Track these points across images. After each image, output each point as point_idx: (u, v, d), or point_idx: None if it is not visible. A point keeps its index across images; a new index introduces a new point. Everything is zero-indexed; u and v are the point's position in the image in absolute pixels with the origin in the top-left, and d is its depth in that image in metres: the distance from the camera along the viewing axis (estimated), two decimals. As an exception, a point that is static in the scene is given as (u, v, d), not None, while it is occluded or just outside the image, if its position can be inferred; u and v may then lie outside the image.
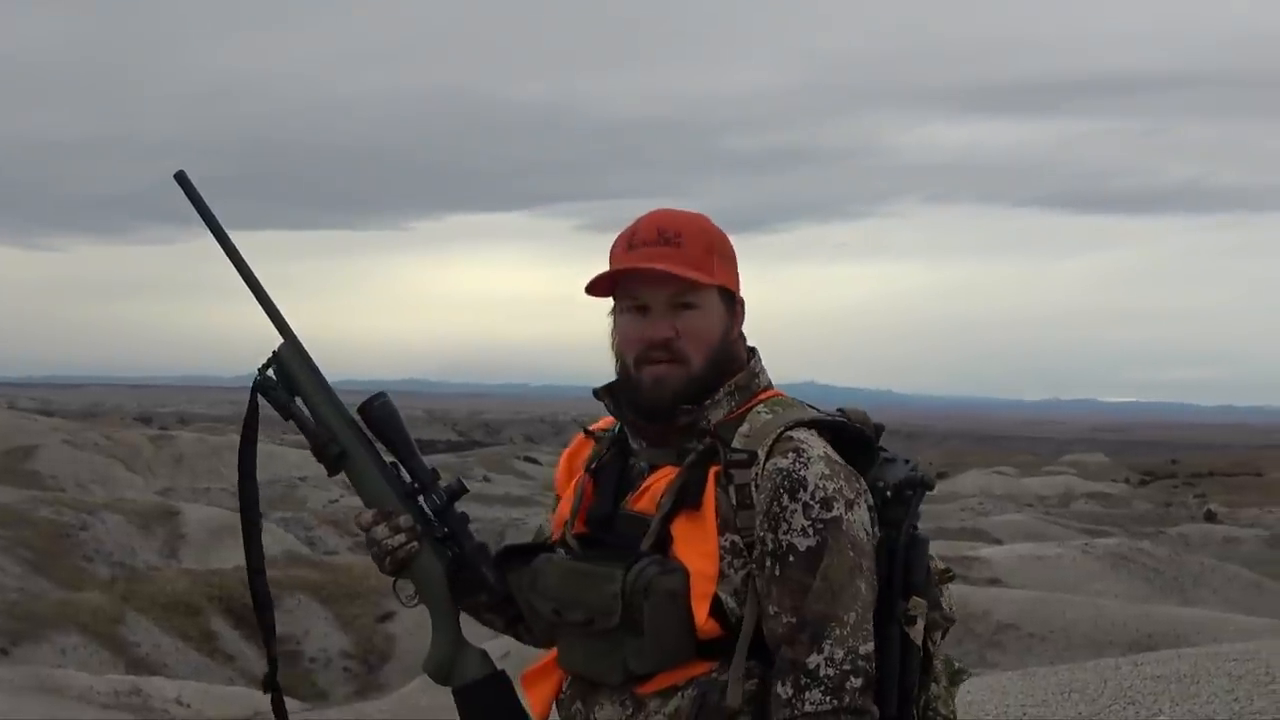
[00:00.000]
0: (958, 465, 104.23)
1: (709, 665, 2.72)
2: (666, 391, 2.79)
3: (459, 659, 3.06)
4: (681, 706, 2.71)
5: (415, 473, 3.06)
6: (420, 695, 23.01)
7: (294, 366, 3.08)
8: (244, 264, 3.13)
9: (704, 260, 2.81)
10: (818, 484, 2.67)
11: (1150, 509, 76.11)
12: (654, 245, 2.81)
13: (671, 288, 2.80)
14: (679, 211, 2.90)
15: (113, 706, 27.00)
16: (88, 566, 45.80)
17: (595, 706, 2.80)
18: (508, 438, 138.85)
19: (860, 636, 2.63)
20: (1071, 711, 8.46)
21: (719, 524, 2.71)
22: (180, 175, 3.18)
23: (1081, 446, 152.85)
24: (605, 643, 2.73)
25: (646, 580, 2.68)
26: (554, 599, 2.81)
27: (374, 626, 40.25)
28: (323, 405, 3.08)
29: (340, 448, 3.05)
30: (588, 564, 2.78)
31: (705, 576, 2.69)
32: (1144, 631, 28.89)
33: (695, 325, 2.79)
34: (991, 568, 39.06)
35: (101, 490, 63.27)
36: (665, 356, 2.79)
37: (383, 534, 3.00)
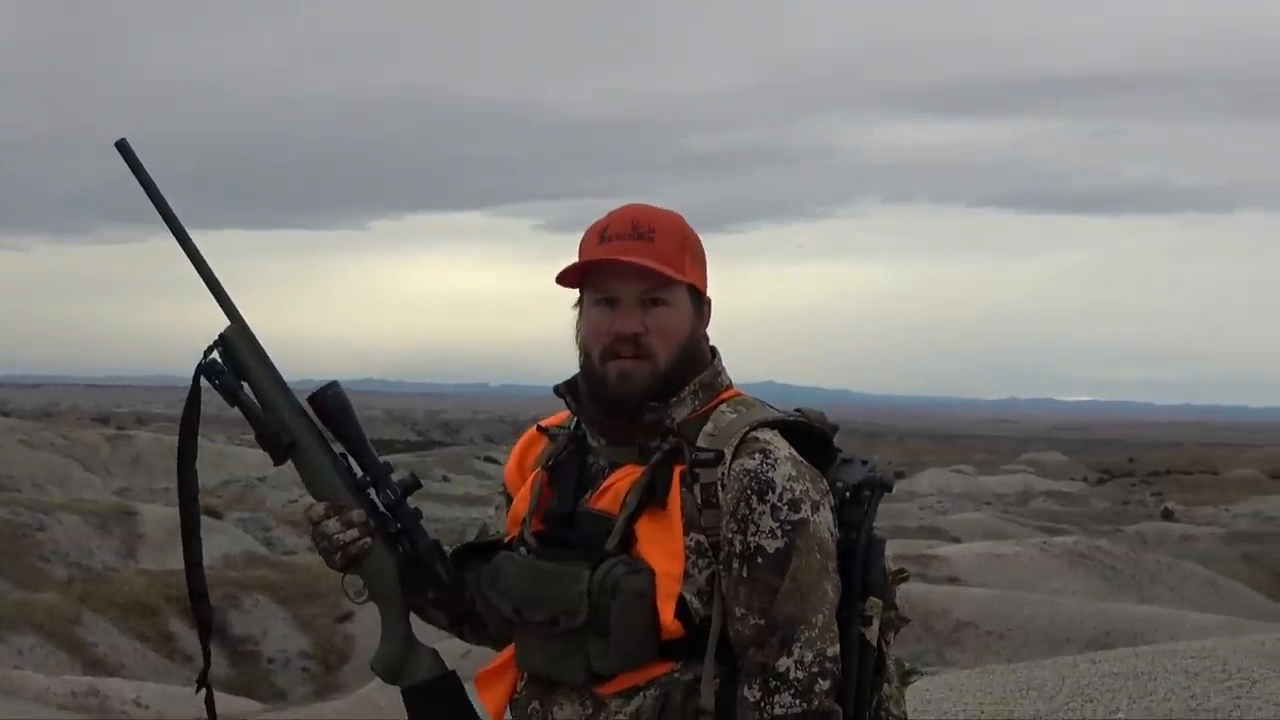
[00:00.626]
0: (916, 464, 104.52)
1: (670, 665, 2.70)
2: (632, 387, 2.77)
3: (409, 658, 2.98)
4: (644, 707, 2.69)
5: (367, 466, 2.99)
6: (379, 696, 22.95)
7: (242, 350, 2.97)
8: (189, 241, 3.04)
9: (677, 257, 2.80)
10: (785, 485, 2.66)
11: (1108, 507, 76.44)
12: (627, 239, 2.79)
13: (643, 282, 2.79)
14: (653, 207, 2.89)
15: (70, 707, 26.85)
16: (44, 567, 45.54)
17: (554, 707, 2.77)
18: (467, 438, 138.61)
19: (828, 638, 2.63)
20: (1030, 709, 8.49)
21: (684, 523, 2.70)
22: (122, 143, 3.09)
23: (1039, 445, 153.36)
24: (568, 642, 2.71)
25: (614, 580, 2.66)
26: (514, 598, 2.78)
27: (333, 627, 40.14)
28: (272, 392, 2.97)
29: (291, 437, 2.96)
30: (552, 563, 2.75)
31: (671, 576, 2.68)
32: (1101, 629, 29.03)
33: (665, 322, 2.78)
34: (950, 566, 39.17)
35: (58, 490, 62.92)
36: (632, 352, 2.77)
37: (334, 528, 2.93)
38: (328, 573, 13.43)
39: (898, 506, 66.65)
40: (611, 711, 2.72)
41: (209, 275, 3.03)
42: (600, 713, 2.73)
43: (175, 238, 3.04)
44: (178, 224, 3.04)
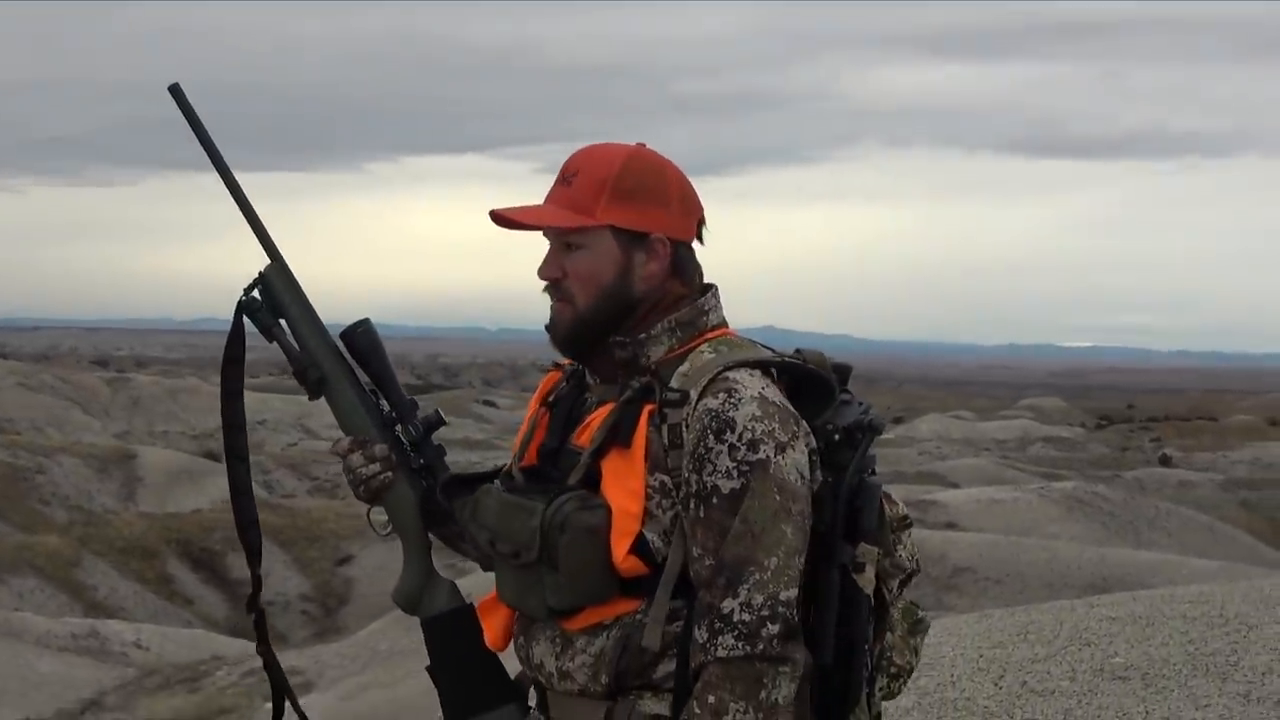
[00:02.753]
0: (915, 410, 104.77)
1: (636, 604, 2.70)
2: (557, 330, 2.82)
3: (428, 590, 3.03)
4: (605, 647, 2.70)
5: (394, 402, 3.05)
6: (379, 639, 23.05)
7: (280, 288, 3.05)
8: (235, 184, 3.10)
9: (588, 201, 2.77)
10: (746, 425, 2.62)
11: (1106, 453, 76.62)
12: (556, 184, 2.83)
13: (555, 229, 2.81)
14: (595, 148, 2.86)
15: (71, 650, 26.98)
16: (44, 510, 45.69)
17: (532, 641, 2.81)
18: (466, 381, 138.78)
19: (782, 582, 2.59)
20: (1028, 653, 8.51)
21: (649, 464, 2.68)
22: (175, 88, 3.13)
23: (1039, 391, 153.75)
24: (530, 576, 2.73)
25: (564, 516, 2.66)
26: (489, 529, 2.80)
27: (332, 570, 40.30)
28: (307, 329, 3.05)
29: (321, 373, 3.03)
30: (517, 496, 2.78)
31: (629, 515, 2.67)
32: (1099, 574, 29.13)
33: (580, 266, 2.78)
34: (948, 511, 39.27)
35: (58, 433, 63.07)
36: (557, 296, 2.82)
37: (358, 462, 2.99)
38: (327, 516, 13.62)
39: (896, 452, 66.82)
40: (577, 650, 2.73)
41: (252, 215, 3.10)
42: (568, 649, 2.74)
43: (223, 181, 3.11)
44: (226, 167, 3.11)
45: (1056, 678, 7.82)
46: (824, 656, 2.65)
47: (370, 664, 20.95)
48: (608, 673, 2.70)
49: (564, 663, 2.75)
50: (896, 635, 2.83)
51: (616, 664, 2.70)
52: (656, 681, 2.70)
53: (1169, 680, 7.56)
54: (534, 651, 2.80)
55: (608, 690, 2.71)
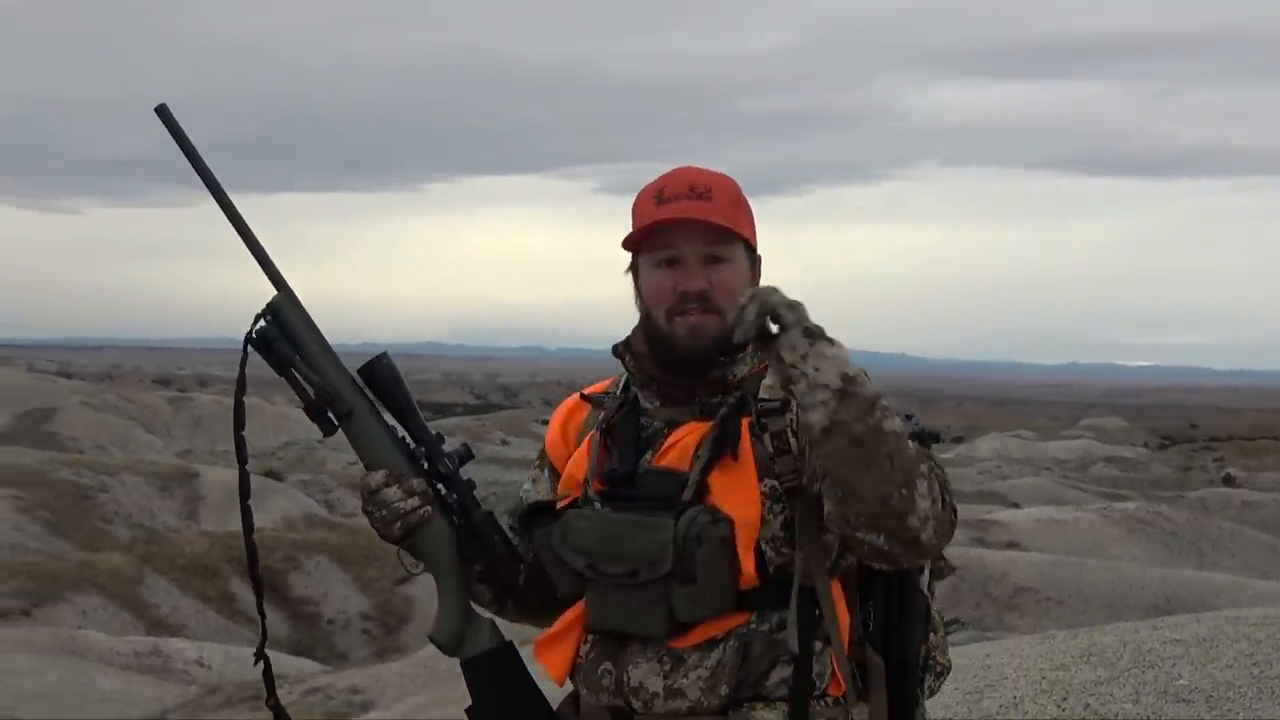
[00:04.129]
0: (975, 429, 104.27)
1: (746, 616, 2.72)
2: (703, 341, 2.79)
3: (468, 629, 2.95)
4: (724, 658, 2.70)
5: (419, 436, 2.95)
6: (439, 659, 23.06)
7: (292, 319, 2.91)
8: (231, 206, 2.96)
9: (734, 214, 2.83)
10: None
11: (1169, 473, 76.06)
12: (686, 199, 2.81)
13: (706, 240, 2.81)
14: (705, 169, 2.91)
15: (133, 668, 27.12)
16: (107, 528, 45.95)
17: (628, 666, 2.77)
18: (525, 401, 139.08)
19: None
20: (1090, 675, 8.46)
21: (758, 471, 2.72)
22: (162, 108, 2.98)
23: (1099, 411, 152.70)
24: (646, 594, 2.72)
25: (700, 527, 2.68)
26: (588, 552, 2.78)
27: (392, 589, 40.37)
28: (323, 360, 2.91)
29: (348, 406, 2.90)
30: (632, 515, 2.76)
31: (749, 524, 2.70)
32: (1162, 595, 28.90)
33: (726, 278, 2.80)
34: (1009, 531, 39.07)
35: (120, 452, 63.45)
36: (699, 308, 2.79)
37: (394, 496, 2.87)
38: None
39: (957, 471, 66.49)
40: (690, 666, 2.73)
41: (252, 240, 2.97)
42: (679, 668, 2.73)
43: (217, 202, 2.99)
44: (219, 189, 2.98)
45: (1120, 700, 7.76)
46: (908, 653, 2.76)
47: (430, 683, 20.97)
48: (728, 683, 2.70)
49: (674, 680, 2.74)
50: (939, 635, 2.89)
51: (737, 673, 2.70)
52: (768, 691, 2.71)
53: (1233, 703, 7.50)
54: (630, 675, 2.78)
55: (723, 704, 2.71)
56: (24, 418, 70.98)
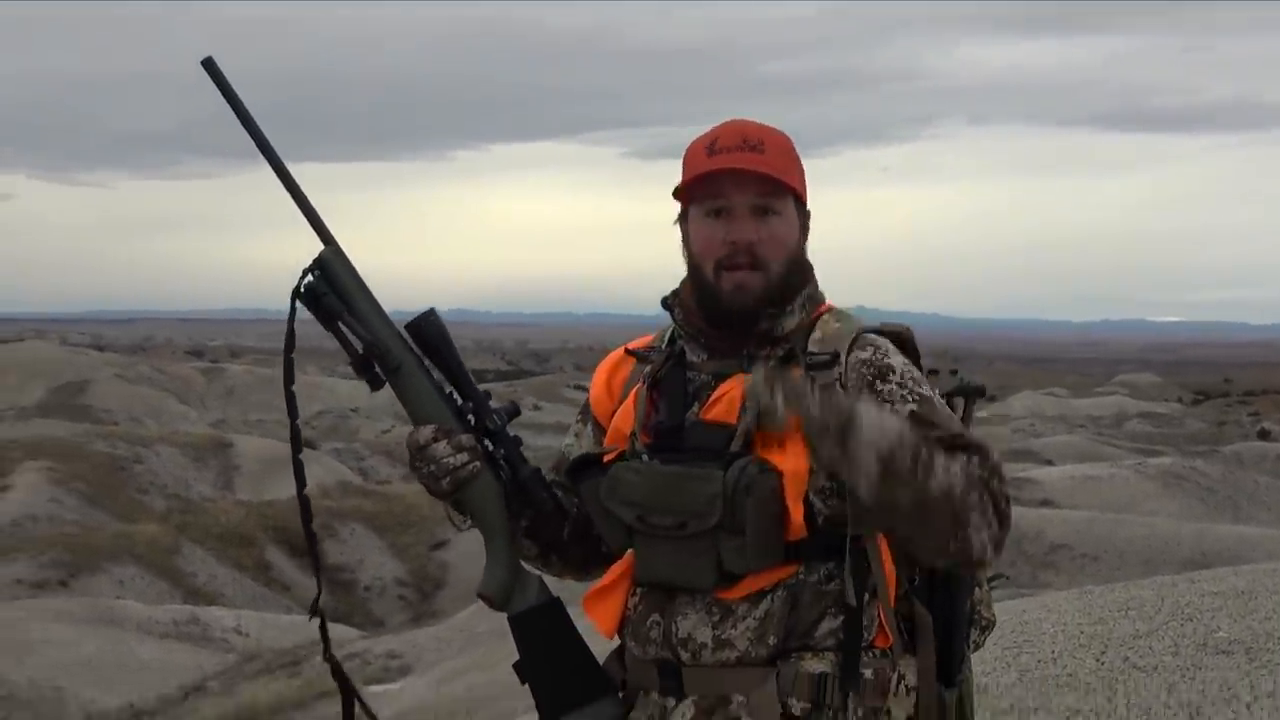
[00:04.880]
0: (1007, 387, 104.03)
1: (794, 567, 2.72)
2: (748, 298, 2.78)
3: (516, 585, 2.94)
4: (772, 609, 2.70)
5: (466, 392, 2.93)
6: (476, 621, 23.14)
7: (340, 273, 2.88)
8: (279, 161, 2.94)
9: (786, 166, 2.82)
10: (904, 369, 2.74)
11: (1203, 428, 75.85)
12: (738, 150, 2.79)
13: (757, 191, 2.79)
14: (758, 122, 2.89)
15: (172, 636, 27.29)
16: (143, 499, 46.19)
17: (677, 618, 2.77)
18: (556, 366, 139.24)
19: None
20: (1129, 628, 8.43)
21: None
22: (208, 61, 2.93)
23: (1132, 367, 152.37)
24: (695, 546, 2.71)
25: (750, 478, 2.67)
26: (638, 505, 2.77)
27: (427, 554, 40.51)
28: (371, 315, 2.88)
29: (397, 361, 2.88)
30: (680, 466, 2.75)
31: (798, 476, 2.69)
32: (1198, 550, 28.86)
33: (777, 231, 2.80)
34: (1044, 489, 39.02)
35: (154, 423, 63.73)
36: (747, 262, 2.78)
37: (443, 452, 2.85)
38: (422, 501, 13.64)
39: (990, 429, 66.40)
40: (739, 617, 2.72)
41: (299, 195, 2.94)
42: (727, 619, 2.73)
43: (265, 157, 2.96)
44: (267, 143, 2.96)
45: (1159, 653, 7.74)
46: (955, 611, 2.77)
47: (467, 647, 21.05)
48: (776, 634, 2.71)
49: (723, 631, 2.73)
50: (983, 590, 2.90)
51: (785, 623, 2.71)
52: (816, 641, 2.71)
53: (1274, 654, 7.46)
54: (679, 626, 2.77)
55: (772, 654, 2.71)
56: (58, 391, 71.35)
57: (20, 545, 37.16)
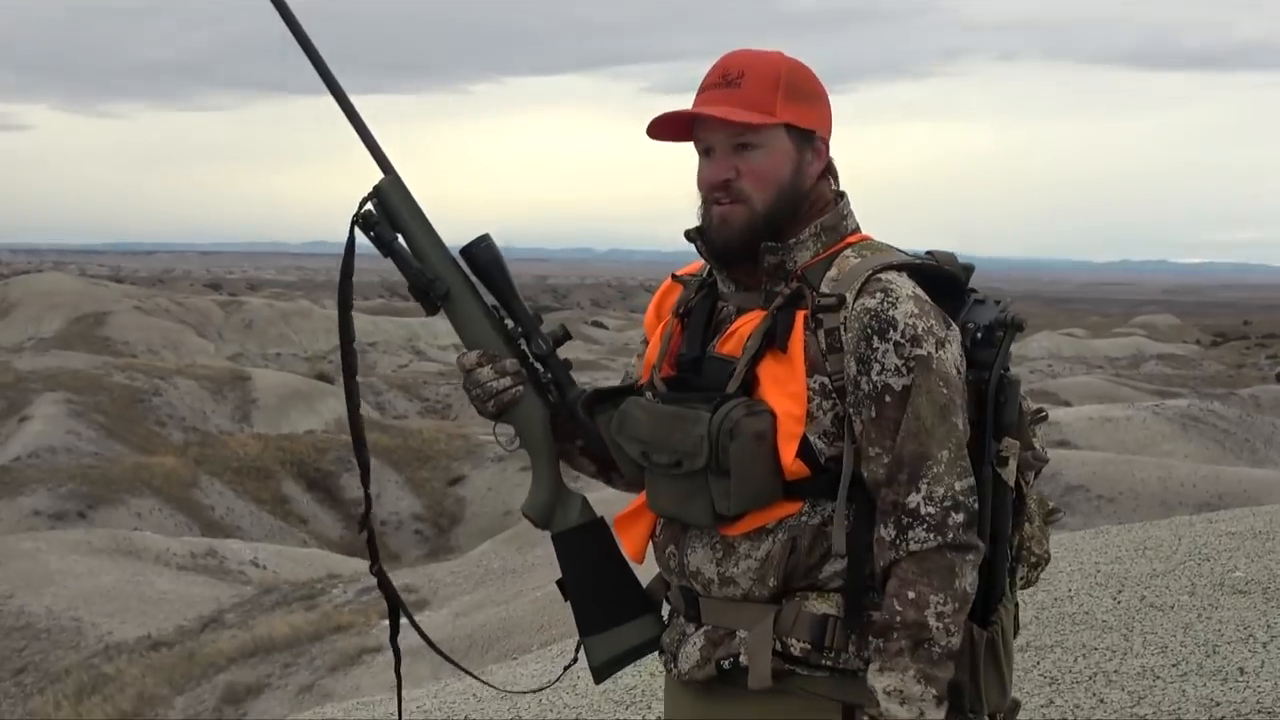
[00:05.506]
0: (1027, 328, 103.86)
1: (797, 506, 2.70)
2: (730, 231, 2.76)
3: (560, 504, 3.02)
4: (772, 550, 2.69)
5: (518, 317, 3.01)
6: (491, 557, 23.23)
7: (396, 201, 2.97)
8: (341, 91, 3.03)
9: (764, 99, 2.76)
10: (906, 323, 2.63)
11: (1221, 370, 75.75)
12: (716, 88, 2.77)
13: (730, 130, 2.75)
14: (751, 51, 2.84)
15: (190, 568, 27.42)
16: (161, 431, 46.37)
17: (688, 550, 2.78)
18: (574, 302, 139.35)
19: (956, 473, 2.61)
20: (1146, 568, 8.42)
21: (807, 366, 2.68)
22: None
23: (1152, 308, 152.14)
24: (692, 484, 2.72)
25: (733, 421, 2.65)
26: (642, 441, 2.79)
27: (444, 490, 40.68)
28: (427, 243, 2.97)
29: (445, 287, 2.96)
30: (675, 406, 2.76)
31: (793, 418, 2.67)
32: (1214, 492, 28.86)
33: (757, 164, 2.75)
34: (1061, 430, 39.01)
35: (173, 356, 63.90)
36: (727, 198, 2.76)
37: (487, 376, 2.95)
38: (439, 437, 13.60)
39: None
40: (741, 555, 2.72)
41: (360, 125, 3.02)
42: (730, 556, 2.73)
43: (327, 86, 3.04)
44: (329, 73, 3.03)
45: (1175, 592, 7.73)
46: (997, 547, 2.69)
47: (483, 582, 21.13)
48: (775, 575, 2.70)
49: (726, 568, 2.74)
50: (1035, 525, 2.86)
51: (784, 566, 2.70)
52: (821, 582, 2.70)
53: (1291, 595, 7.46)
54: (690, 559, 2.79)
55: (774, 593, 2.71)
56: (77, 322, 71.52)
57: (39, 477, 37.36)
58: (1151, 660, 6.53)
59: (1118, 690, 6.19)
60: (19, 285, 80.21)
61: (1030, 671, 6.49)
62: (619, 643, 2.96)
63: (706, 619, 2.79)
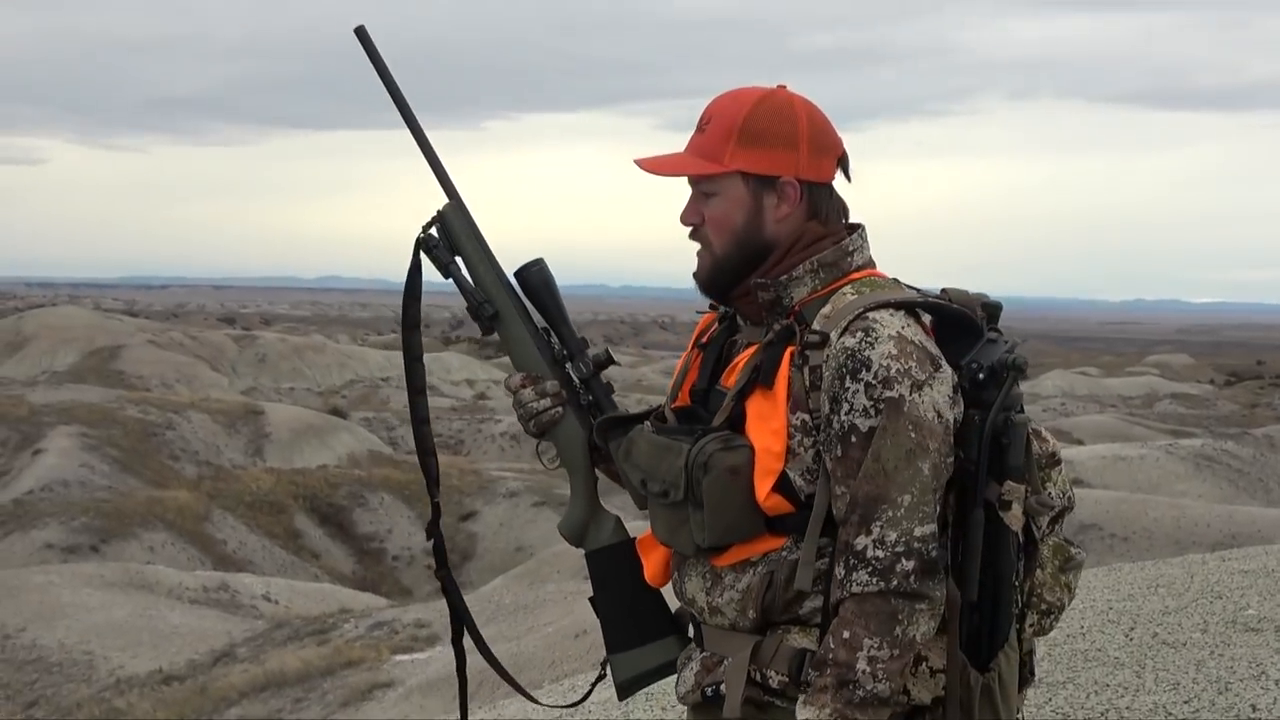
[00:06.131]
0: (1040, 366, 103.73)
1: (781, 541, 2.73)
2: (700, 273, 2.88)
3: (594, 523, 3.13)
4: (751, 583, 2.74)
5: (565, 340, 3.11)
6: (503, 593, 23.23)
7: (457, 226, 3.13)
8: (416, 123, 3.21)
9: (717, 148, 2.81)
10: (881, 363, 2.63)
11: (1235, 410, 75.58)
12: (695, 132, 2.88)
13: (690, 177, 2.87)
14: (731, 93, 2.88)
15: (202, 602, 27.43)
16: (174, 465, 46.41)
17: (685, 577, 2.86)
18: (588, 339, 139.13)
19: (916, 519, 2.60)
20: (1158, 605, 8.43)
21: (790, 403, 2.70)
22: (360, 30, 3.24)
23: (1166, 347, 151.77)
24: (678, 514, 2.80)
25: (706, 455, 2.71)
26: (641, 469, 2.87)
27: (456, 525, 40.64)
28: (482, 266, 3.12)
29: (495, 309, 3.10)
30: (665, 437, 2.83)
31: (771, 454, 2.70)
32: (1228, 532, 28.79)
33: (714, 212, 2.84)
34: (1074, 468, 38.93)
35: (186, 390, 63.96)
36: (696, 241, 2.89)
37: (529, 397, 3.07)
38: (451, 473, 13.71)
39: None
40: (726, 585, 2.78)
41: (433, 156, 3.19)
42: (717, 586, 2.80)
43: (405, 121, 3.21)
44: (409, 110, 3.20)
45: (1188, 630, 7.73)
46: (969, 593, 2.66)
47: (495, 617, 21.12)
48: (754, 608, 2.74)
49: (714, 598, 2.80)
50: (1047, 572, 2.87)
51: (762, 599, 2.73)
52: (804, 616, 2.72)
53: (1303, 633, 7.45)
54: (687, 587, 2.86)
55: (755, 625, 2.75)
56: (91, 356, 71.65)
57: (52, 510, 37.39)
58: (1164, 697, 6.53)
59: (1130, 727, 6.19)
60: (33, 319, 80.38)
61: (1043, 708, 6.49)
62: (643, 662, 3.06)
63: (706, 645, 2.86)
